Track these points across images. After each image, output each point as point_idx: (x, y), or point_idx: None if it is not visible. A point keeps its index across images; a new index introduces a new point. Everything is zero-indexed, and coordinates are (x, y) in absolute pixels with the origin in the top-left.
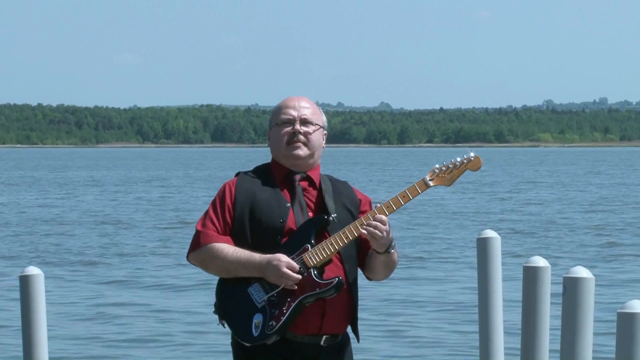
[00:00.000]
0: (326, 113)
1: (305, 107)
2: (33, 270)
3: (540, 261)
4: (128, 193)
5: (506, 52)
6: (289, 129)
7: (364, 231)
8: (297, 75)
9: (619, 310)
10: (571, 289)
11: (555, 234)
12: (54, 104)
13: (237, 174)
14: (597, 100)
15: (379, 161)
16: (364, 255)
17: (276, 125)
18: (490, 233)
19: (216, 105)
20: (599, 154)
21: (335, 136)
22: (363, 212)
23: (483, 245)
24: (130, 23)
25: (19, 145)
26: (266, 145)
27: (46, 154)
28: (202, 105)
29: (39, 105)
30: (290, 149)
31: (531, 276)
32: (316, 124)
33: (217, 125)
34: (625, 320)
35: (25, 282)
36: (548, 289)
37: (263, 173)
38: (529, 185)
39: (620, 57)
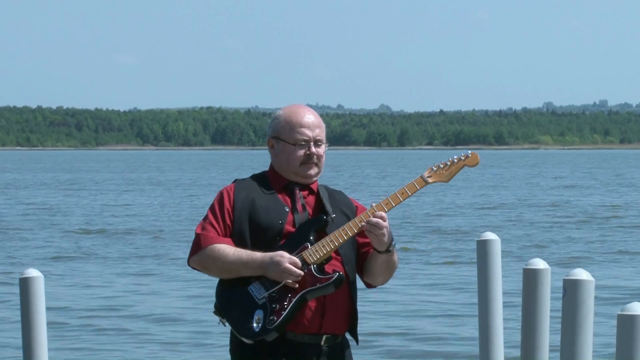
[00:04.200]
0: (326, 115)
1: (317, 127)
2: (33, 273)
3: (540, 263)
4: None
5: (506, 54)
6: (304, 150)
7: (364, 225)
8: (297, 77)
9: (619, 313)
10: (571, 291)
11: (555, 236)
12: (54, 106)
13: (235, 181)
14: (597, 102)
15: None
16: (363, 259)
17: (288, 144)
18: (490, 235)
19: (216, 108)
20: (598, 156)
21: (335, 138)
22: None
23: (483, 248)
24: (129, 25)
25: (19, 148)
26: (266, 148)
27: (44, 156)
28: (202, 108)
29: (39, 107)
30: (303, 169)
31: (531, 278)
32: (325, 143)
33: (217, 128)
34: (626, 322)
35: (25, 284)
36: (548, 291)
37: (261, 180)
38: (531, 187)
39: (620, 59)
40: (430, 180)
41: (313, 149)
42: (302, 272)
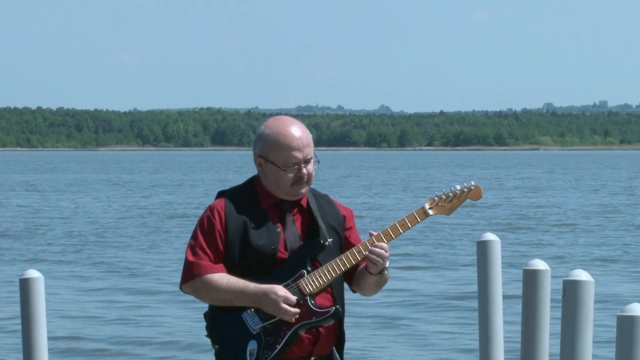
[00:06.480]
0: (326, 116)
1: (307, 146)
2: (33, 273)
3: (540, 264)
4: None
5: (506, 54)
6: (294, 173)
7: (368, 254)
8: (297, 78)
9: (618, 314)
10: (571, 291)
11: (555, 237)
12: (54, 107)
13: (222, 194)
14: (597, 103)
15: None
16: (353, 270)
17: (278, 167)
18: (490, 236)
19: (216, 109)
20: (598, 157)
21: (335, 139)
22: (348, 229)
23: (483, 248)
24: (129, 25)
25: (19, 149)
26: None
27: (44, 157)
28: (202, 109)
29: (39, 108)
30: (294, 189)
31: (531, 279)
32: (315, 159)
33: (217, 129)
34: (625, 323)
35: (25, 285)
36: (548, 292)
37: (249, 195)
38: (530, 188)
39: (620, 60)
40: (431, 212)
41: (304, 170)
42: (298, 311)
